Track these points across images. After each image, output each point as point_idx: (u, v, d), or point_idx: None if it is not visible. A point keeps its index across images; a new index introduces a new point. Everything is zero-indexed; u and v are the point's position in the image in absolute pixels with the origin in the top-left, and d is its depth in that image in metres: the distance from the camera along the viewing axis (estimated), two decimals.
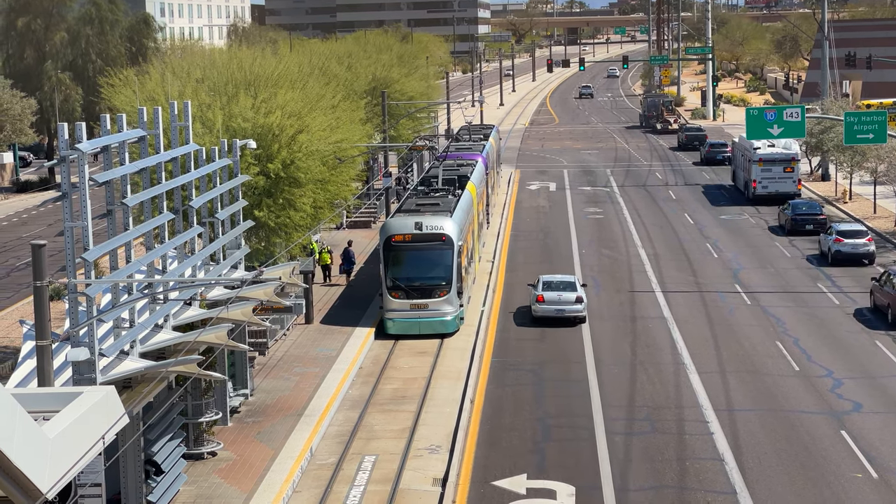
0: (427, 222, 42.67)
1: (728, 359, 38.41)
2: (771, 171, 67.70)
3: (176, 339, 26.57)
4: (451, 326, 42.32)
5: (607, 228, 63.21)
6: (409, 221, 42.89)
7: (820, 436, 31.16)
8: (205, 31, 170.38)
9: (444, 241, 42.42)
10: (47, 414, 17.07)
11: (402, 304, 42.17)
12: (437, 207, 45.22)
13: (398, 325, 42.20)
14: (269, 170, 40.47)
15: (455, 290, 42.36)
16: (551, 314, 43.31)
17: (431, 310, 42.15)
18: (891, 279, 41.81)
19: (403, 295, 42.25)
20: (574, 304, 43.29)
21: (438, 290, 42.24)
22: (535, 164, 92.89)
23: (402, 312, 42.15)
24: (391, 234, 42.66)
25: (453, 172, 53.67)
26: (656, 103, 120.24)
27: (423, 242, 42.44)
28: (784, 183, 67.34)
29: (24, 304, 47.20)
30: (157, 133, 28.41)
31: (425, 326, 42.13)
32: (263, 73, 45.00)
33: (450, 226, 42.81)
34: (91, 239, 23.11)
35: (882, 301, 42.27)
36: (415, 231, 42.45)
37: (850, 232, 51.78)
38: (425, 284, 42.33)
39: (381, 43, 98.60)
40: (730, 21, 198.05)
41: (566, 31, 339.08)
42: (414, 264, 42.58)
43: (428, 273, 42.55)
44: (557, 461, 29.69)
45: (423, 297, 42.18)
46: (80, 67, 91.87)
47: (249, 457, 30.06)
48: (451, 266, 42.41)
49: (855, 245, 50.97)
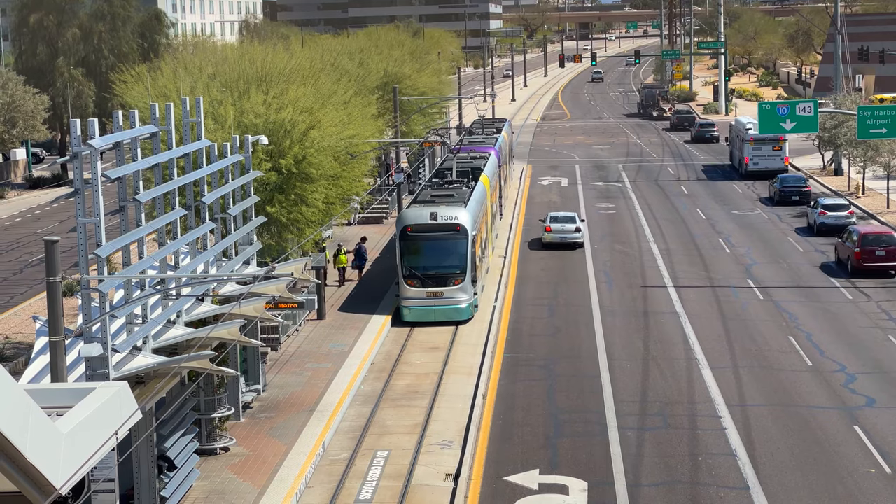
0: (442, 213, 43.61)
1: (740, 354, 38.34)
2: (761, 150, 75.93)
3: (188, 335, 26.61)
4: (465, 314, 43.14)
5: (619, 224, 63.14)
6: (424, 212, 43.86)
7: (833, 431, 31.09)
8: (216, 27, 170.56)
9: (459, 230, 43.33)
10: (60, 410, 17.12)
11: (418, 292, 43.06)
12: (452, 198, 46.03)
13: (414, 313, 43.03)
14: (281, 165, 40.50)
15: (469, 279, 43.23)
16: (556, 240, 55.75)
17: (446, 298, 43.06)
18: (851, 236, 49.62)
19: (419, 283, 43.10)
20: (574, 232, 55.78)
21: (453, 278, 43.14)
22: (547, 159, 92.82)
23: (417, 300, 43.06)
24: (407, 224, 43.61)
25: (467, 165, 54.51)
26: (653, 93, 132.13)
27: (439, 232, 43.39)
28: (773, 160, 75.71)
29: (37, 300, 47.33)
30: (169, 129, 28.44)
31: (440, 314, 42.98)
32: (275, 68, 45.03)
33: (464, 216, 43.71)
34: (104, 235, 23.15)
35: (843, 255, 50.28)
36: (430, 221, 43.41)
37: (833, 205, 58.87)
38: (440, 273, 43.21)
39: (392, 39, 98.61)
40: (742, 15, 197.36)
41: (578, 26, 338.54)
42: (429, 253, 43.54)
43: (443, 262, 43.46)
44: (570, 457, 29.68)
45: (439, 286, 43.06)
46: (92, 64, 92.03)
47: (262, 452, 30.10)
48: (466, 255, 43.30)
49: (838, 217, 57.64)
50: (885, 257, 48.30)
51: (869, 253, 48.35)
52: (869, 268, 48.39)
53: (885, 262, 48.34)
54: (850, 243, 49.40)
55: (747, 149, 76.57)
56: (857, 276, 48.50)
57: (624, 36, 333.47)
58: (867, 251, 48.36)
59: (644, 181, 79.05)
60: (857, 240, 48.87)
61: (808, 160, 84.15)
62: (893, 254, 48.36)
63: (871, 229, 50.87)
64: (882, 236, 49.12)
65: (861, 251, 48.40)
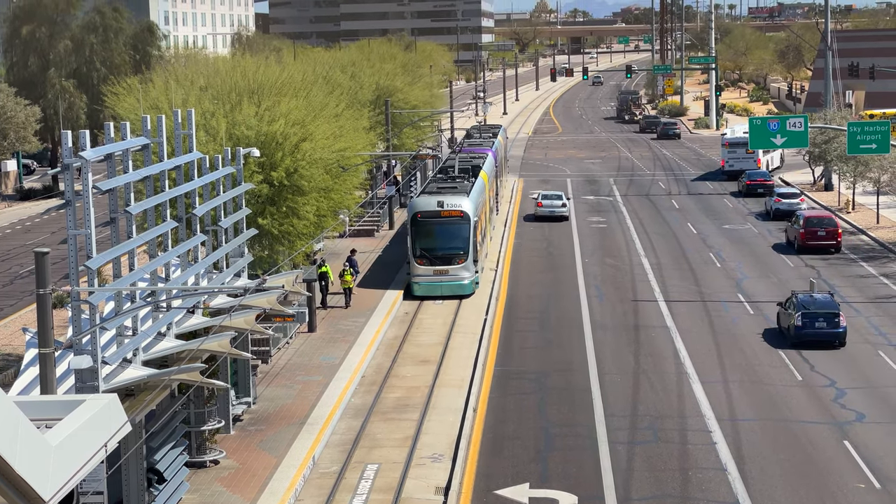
0: (448, 201, 49.60)
1: (731, 368, 38.37)
2: (736, 153, 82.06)
3: (179, 348, 26.56)
4: (468, 289, 49.06)
5: (610, 237, 63.21)
6: (432, 200, 49.85)
7: (823, 446, 31.12)
8: (209, 39, 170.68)
9: (462, 217, 49.33)
10: (50, 422, 17.06)
11: (427, 270, 49.08)
12: (456, 190, 51.91)
13: (423, 288, 49.03)
14: (273, 178, 40.49)
15: (471, 259, 49.26)
16: (546, 214, 67.93)
17: (451, 275, 49.00)
18: (798, 220, 58.13)
19: (428, 262, 49.10)
20: (560, 207, 68.27)
21: (457, 258, 49.10)
22: (538, 173, 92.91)
23: (426, 277, 49.07)
24: (417, 211, 49.66)
25: (468, 163, 59.89)
26: (626, 99, 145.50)
27: (445, 218, 49.41)
28: (746, 162, 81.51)
29: (27, 312, 47.22)
30: (160, 141, 28.43)
31: (446, 289, 48.91)
32: (267, 81, 45.07)
33: (467, 204, 49.71)
34: (94, 247, 23.12)
35: (791, 236, 58.89)
36: (437, 208, 49.42)
37: (787, 194, 68.29)
38: (446, 253, 49.19)
39: (384, 52, 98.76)
40: (733, 31, 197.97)
41: (570, 40, 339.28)
42: (436, 236, 49.51)
43: (448, 244, 49.31)
44: (560, 470, 29.66)
45: (445, 265, 49.05)
46: (84, 75, 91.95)
47: (252, 465, 30.04)
48: (468, 238, 49.26)
49: (790, 204, 66.33)
50: (825, 237, 56.65)
51: (812, 233, 56.69)
52: (812, 245, 56.66)
53: (825, 241, 56.66)
54: (796, 226, 57.89)
55: (723, 152, 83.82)
56: (803, 252, 56.58)
57: (616, 51, 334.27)
58: (810, 231, 56.74)
59: (635, 195, 79.17)
60: (802, 223, 57.28)
61: (798, 175, 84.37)
62: (833, 234, 56.66)
63: (814, 213, 59.70)
64: (824, 219, 57.71)
65: (805, 232, 56.74)
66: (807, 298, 40.98)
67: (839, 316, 40.27)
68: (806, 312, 40.10)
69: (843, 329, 40.19)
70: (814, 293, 42.06)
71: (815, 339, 40.08)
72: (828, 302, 40.89)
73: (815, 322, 40.07)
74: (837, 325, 40.10)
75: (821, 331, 40.06)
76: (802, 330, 40.04)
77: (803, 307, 40.32)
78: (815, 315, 40.10)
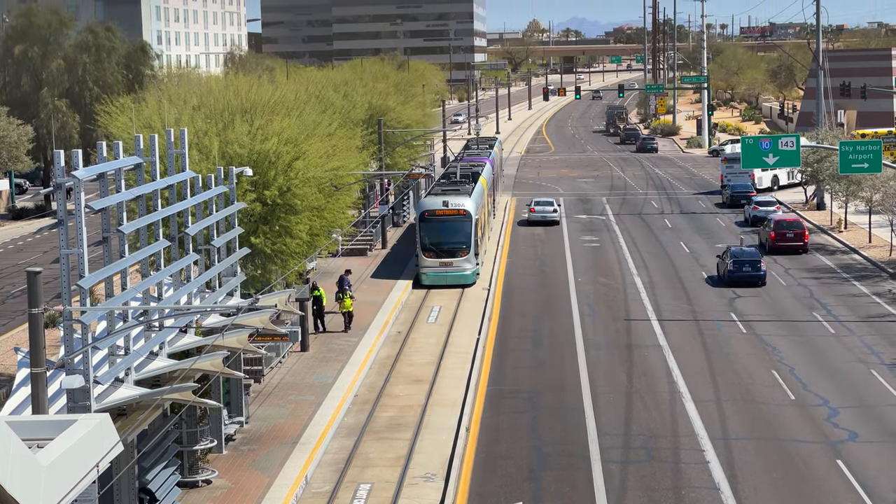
0: (452, 200, 56.13)
1: (724, 387, 38.36)
2: (732, 168, 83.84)
3: (171, 367, 26.51)
4: (470, 279, 55.08)
5: (603, 257, 63.25)
6: (438, 200, 56.39)
7: (816, 465, 31.10)
8: (202, 58, 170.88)
9: (465, 214, 55.59)
10: (41, 441, 17.01)
11: (433, 261, 55.12)
12: (459, 191, 58.29)
13: (430, 278, 55.00)
14: (266, 197, 40.47)
15: (473, 252, 55.25)
16: (538, 219, 73.81)
17: (455, 266, 55.06)
18: (768, 223, 63.28)
19: (434, 255, 55.18)
20: (552, 213, 74.18)
21: (461, 251, 55.16)
22: (531, 192, 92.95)
23: (433, 268, 55.09)
24: (425, 209, 56.08)
25: (468, 170, 65.53)
26: (612, 114, 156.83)
27: (449, 215, 55.58)
28: (742, 177, 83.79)
29: (19, 332, 47.10)
30: (153, 160, 28.42)
31: (451, 279, 54.81)
32: (260, 100, 45.06)
33: (469, 203, 56.06)
34: (87, 266, 23.08)
35: (763, 238, 64.04)
36: (443, 207, 55.79)
37: (764, 202, 73.40)
38: (451, 247, 55.20)
39: (377, 71, 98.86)
40: (725, 50, 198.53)
41: (562, 59, 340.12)
42: (442, 232, 55.39)
43: (453, 238, 55.28)
44: (553, 490, 29.61)
45: (449, 257, 55.14)
46: (76, 95, 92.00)
47: (244, 485, 29.95)
48: (471, 233, 55.25)
49: (766, 211, 70.61)
50: (793, 238, 61.91)
51: (781, 235, 61.97)
52: (781, 246, 61.70)
53: (793, 242, 61.88)
54: (767, 228, 63.22)
55: (722, 167, 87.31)
56: (773, 253, 61.02)
57: (608, 70, 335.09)
58: (780, 233, 62.04)
59: (628, 214, 79.27)
60: (772, 225, 62.56)
61: (791, 194, 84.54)
62: (800, 236, 61.90)
63: (784, 217, 65.44)
64: (792, 223, 63.11)
65: (775, 234, 62.02)
66: (737, 250, 54.70)
67: (760, 262, 53.44)
68: (736, 260, 53.33)
69: (763, 272, 53.24)
70: (743, 247, 56.47)
71: (743, 279, 53.10)
72: (753, 252, 54.57)
73: (743, 267, 53.15)
74: (759, 269, 53.20)
75: (747, 273, 53.12)
76: (734, 273, 53.07)
77: (734, 256, 53.60)
78: (742, 261, 53.25)
